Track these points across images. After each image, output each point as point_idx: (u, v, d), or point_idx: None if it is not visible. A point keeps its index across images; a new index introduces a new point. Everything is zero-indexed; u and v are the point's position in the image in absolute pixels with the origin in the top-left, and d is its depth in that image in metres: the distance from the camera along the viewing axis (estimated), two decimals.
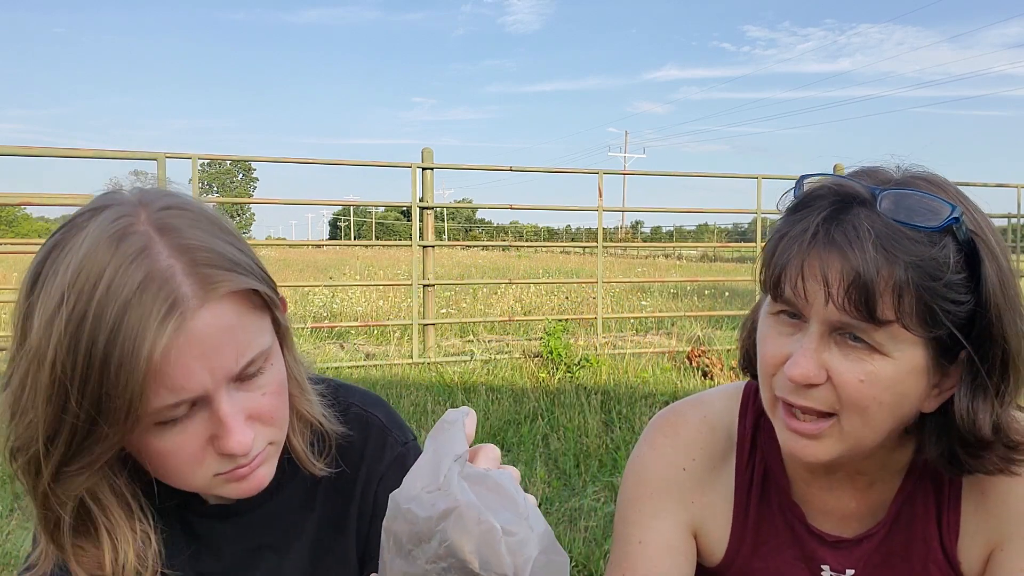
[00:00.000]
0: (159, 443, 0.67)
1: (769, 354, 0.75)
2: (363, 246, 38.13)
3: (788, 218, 0.72)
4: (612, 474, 3.81)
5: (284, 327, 0.77)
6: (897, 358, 0.68)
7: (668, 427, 0.92)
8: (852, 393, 0.69)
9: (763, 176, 7.65)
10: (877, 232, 0.66)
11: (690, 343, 7.16)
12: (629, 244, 25.44)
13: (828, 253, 0.67)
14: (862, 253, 0.65)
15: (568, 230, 68.36)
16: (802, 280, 0.68)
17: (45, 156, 6.22)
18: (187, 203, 0.69)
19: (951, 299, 0.66)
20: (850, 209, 0.68)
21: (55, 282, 0.61)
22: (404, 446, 0.89)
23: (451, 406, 3.19)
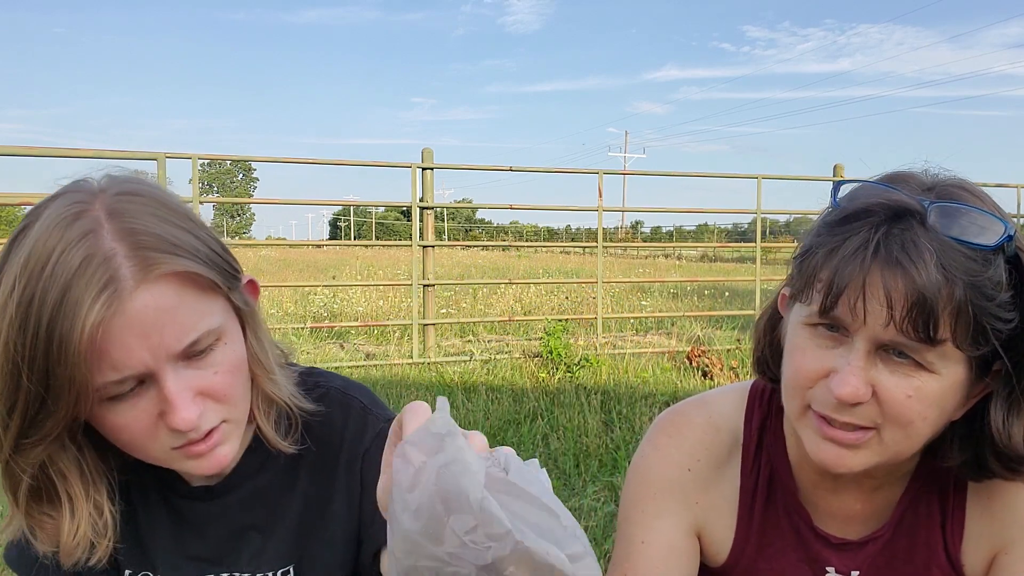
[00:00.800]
0: (113, 417, 0.70)
1: (807, 368, 0.73)
2: (363, 246, 38.15)
3: (835, 230, 0.69)
4: (612, 474, 3.81)
5: (247, 310, 0.79)
6: (943, 375, 0.68)
7: (672, 428, 0.92)
8: (898, 409, 0.69)
9: (763, 176, 7.65)
10: (936, 250, 0.64)
11: (690, 343, 7.16)
12: (629, 244, 25.44)
13: (891, 272, 0.64)
14: (926, 273, 0.63)
15: (568, 230, 68.39)
16: (863, 300, 0.66)
17: (45, 156, 6.21)
18: (146, 190, 0.72)
19: (1001, 317, 0.66)
20: (905, 224, 0.66)
21: (11, 266, 0.65)
22: (386, 423, 0.89)
23: (451, 406, 3.17)
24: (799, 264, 0.73)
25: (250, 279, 0.81)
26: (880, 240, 0.65)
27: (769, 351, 0.83)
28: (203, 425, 0.73)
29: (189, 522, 0.87)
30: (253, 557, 0.88)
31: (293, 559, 0.88)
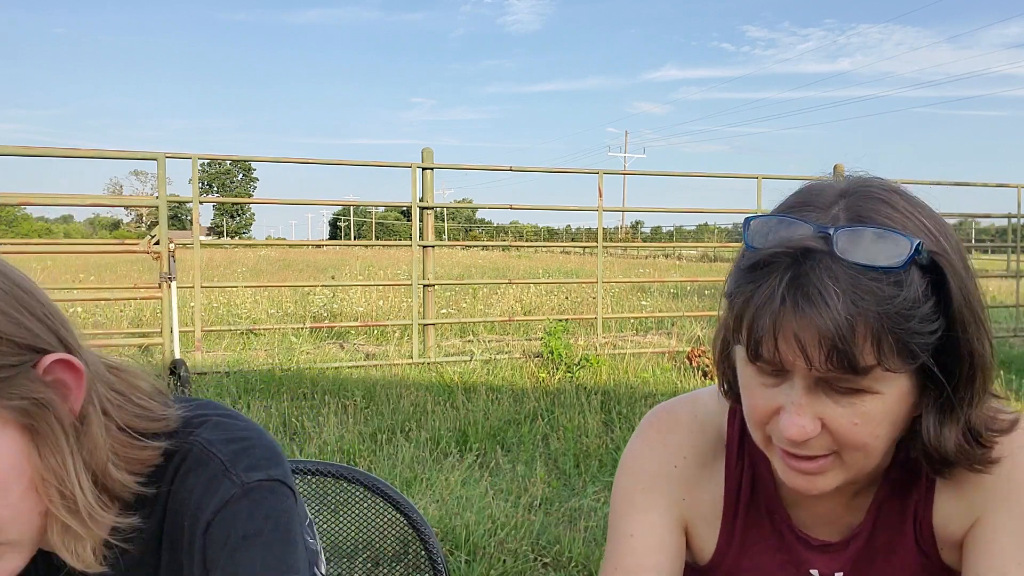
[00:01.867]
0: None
1: (757, 407, 0.74)
2: (363, 246, 38.11)
3: (746, 277, 0.69)
4: (612, 474, 3.80)
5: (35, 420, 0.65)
6: (887, 392, 0.68)
7: (660, 424, 0.93)
8: (849, 437, 0.70)
9: (763, 176, 7.66)
10: (842, 286, 0.64)
11: (690, 343, 7.16)
12: (629, 244, 25.42)
13: (799, 320, 0.65)
14: (833, 314, 0.63)
15: (568, 230, 68.34)
16: (778, 349, 0.67)
17: (45, 156, 6.22)
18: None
19: (924, 331, 0.66)
20: (808, 265, 0.66)
21: None
22: (242, 487, 0.73)
23: (451, 406, 3.20)
24: (727, 308, 0.73)
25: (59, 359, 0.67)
26: (785, 288, 0.66)
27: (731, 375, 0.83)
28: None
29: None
30: None
31: None
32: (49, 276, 15.86)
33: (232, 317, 9.26)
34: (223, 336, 7.71)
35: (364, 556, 1.19)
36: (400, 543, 1.17)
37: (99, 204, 10.57)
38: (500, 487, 3.57)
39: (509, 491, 3.53)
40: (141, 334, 7.90)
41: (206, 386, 5.31)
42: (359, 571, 1.20)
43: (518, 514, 3.18)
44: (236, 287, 10.77)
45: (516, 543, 2.94)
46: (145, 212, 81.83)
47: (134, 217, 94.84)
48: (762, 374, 0.73)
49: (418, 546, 1.15)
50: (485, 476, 3.73)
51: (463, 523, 3.04)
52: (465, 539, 2.94)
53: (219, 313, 9.58)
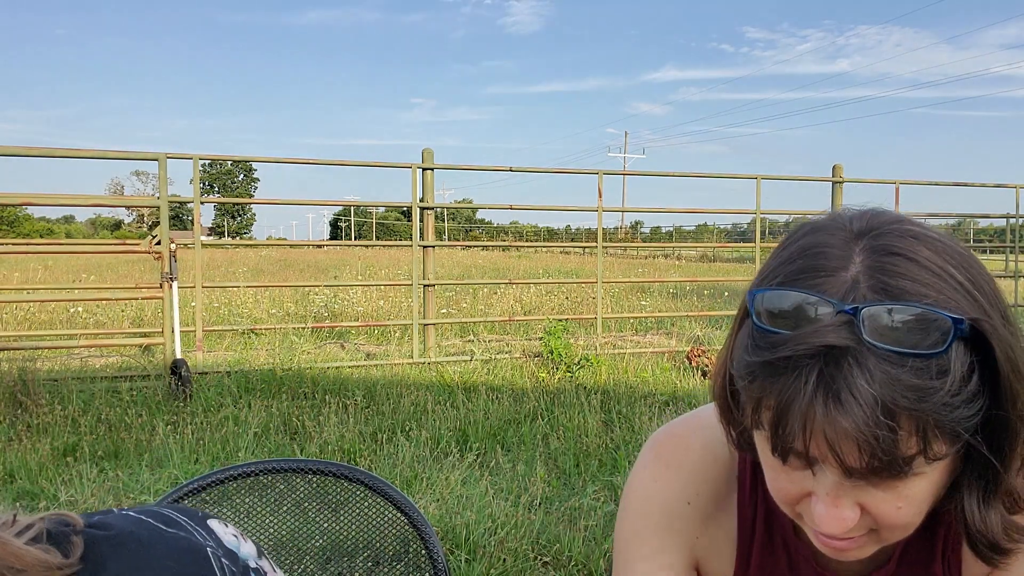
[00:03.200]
0: None
1: (786, 492, 0.67)
2: (364, 246, 38.06)
3: (766, 370, 0.61)
4: (612, 474, 3.82)
5: None
6: (929, 472, 0.62)
7: (669, 454, 0.85)
8: (891, 520, 0.64)
9: (762, 176, 7.66)
10: (877, 386, 0.56)
11: (690, 343, 7.17)
12: (629, 244, 25.40)
13: (832, 425, 0.57)
14: (870, 419, 0.56)
15: (568, 230, 68.34)
16: (808, 454, 0.61)
17: (46, 156, 6.23)
18: None
19: (970, 412, 0.58)
20: (836, 362, 0.58)
21: None
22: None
23: (451, 406, 3.20)
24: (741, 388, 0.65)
25: None
26: (812, 392, 0.58)
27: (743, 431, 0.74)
28: None
29: None
30: None
31: None
32: (51, 276, 15.87)
33: (233, 317, 9.27)
34: (224, 336, 7.73)
35: (365, 555, 1.20)
36: (400, 542, 1.18)
37: (100, 204, 10.56)
38: (500, 486, 3.59)
39: (509, 490, 3.54)
40: (142, 334, 7.92)
41: (207, 386, 5.33)
42: (359, 570, 1.20)
43: (518, 513, 3.19)
44: (237, 287, 10.77)
45: (516, 542, 2.95)
46: (146, 212, 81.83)
47: (135, 217, 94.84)
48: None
49: (418, 545, 1.16)
50: (485, 475, 3.74)
51: (463, 522, 3.05)
52: (465, 538, 2.95)
53: (220, 313, 9.59)
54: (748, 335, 0.64)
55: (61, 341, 7.19)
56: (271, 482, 1.17)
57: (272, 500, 1.15)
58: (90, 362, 6.65)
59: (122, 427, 4.43)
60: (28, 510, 3.48)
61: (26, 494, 3.48)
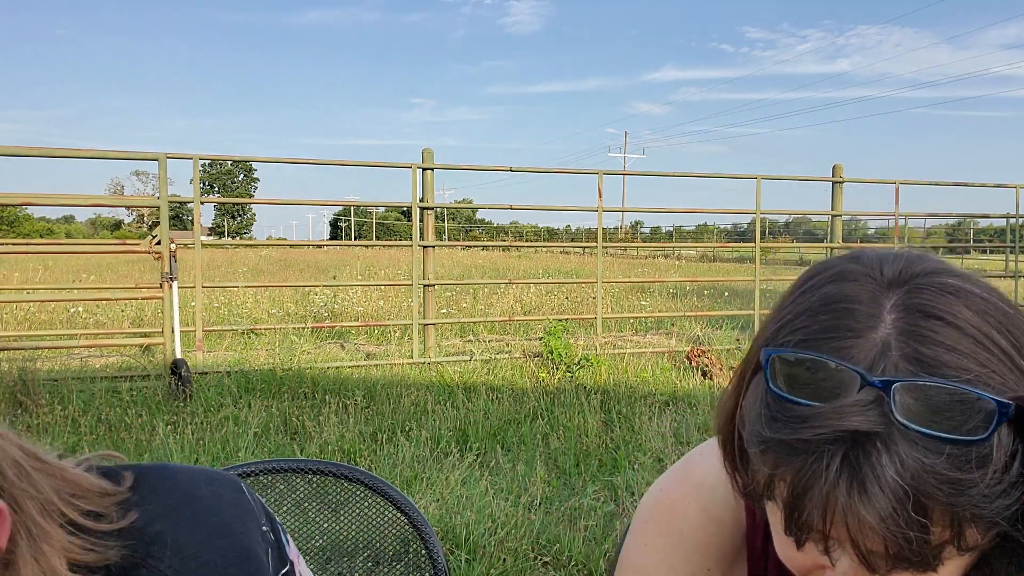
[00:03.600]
0: None
1: (795, 559, 0.60)
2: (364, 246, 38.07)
3: (782, 448, 0.54)
4: (612, 474, 3.82)
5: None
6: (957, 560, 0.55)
7: (669, 527, 0.77)
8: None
9: (762, 176, 7.66)
10: (908, 477, 0.49)
11: (690, 343, 7.17)
12: (629, 244, 25.39)
13: (857, 522, 0.51)
14: (902, 522, 0.49)
15: (568, 230, 68.32)
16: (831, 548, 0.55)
17: (46, 156, 6.23)
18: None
19: (1008, 502, 0.51)
20: (863, 446, 0.51)
21: None
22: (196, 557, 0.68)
23: (451, 406, 3.20)
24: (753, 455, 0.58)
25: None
26: (834, 481, 0.51)
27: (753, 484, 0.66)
28: None
29: None
30: None
31: None
32: (51, 276, 15.88)
33: (233, 317, 9.27)
34: (224, 336, 7.73)
35: (365, 555, 1.20)
36: (400, 542, 1.18)
37: (100, 204, 10.55)
38: (500, 486, 3.59)
39: (509, 490, 3.54)
40: (142, 334, 7.91)
41: (207, 386, 5.32)
42: (360, 570, 1.20)
43: (518, 513, 3.19)
44: (237, 287, 10.76)
45: (516, 542, 2.95)
46: (146, 212, 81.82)
47: (135, 217, 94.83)
48: None
49: (418, 545, 1.16)
50: (485, 475, 3.74)
51: (463, 522, 3.05)
52: (465, 538, 2.95)
53: (220, 313, 9.59)
54: (761, 400, 0.57)
55: (61, 341, 7.19)
56: (271, 482, 1.16)
57: (272, 500, 1.15)
58: (90, 362, 6.65)
59: (122, 427, 4.43)
60: None
61: None
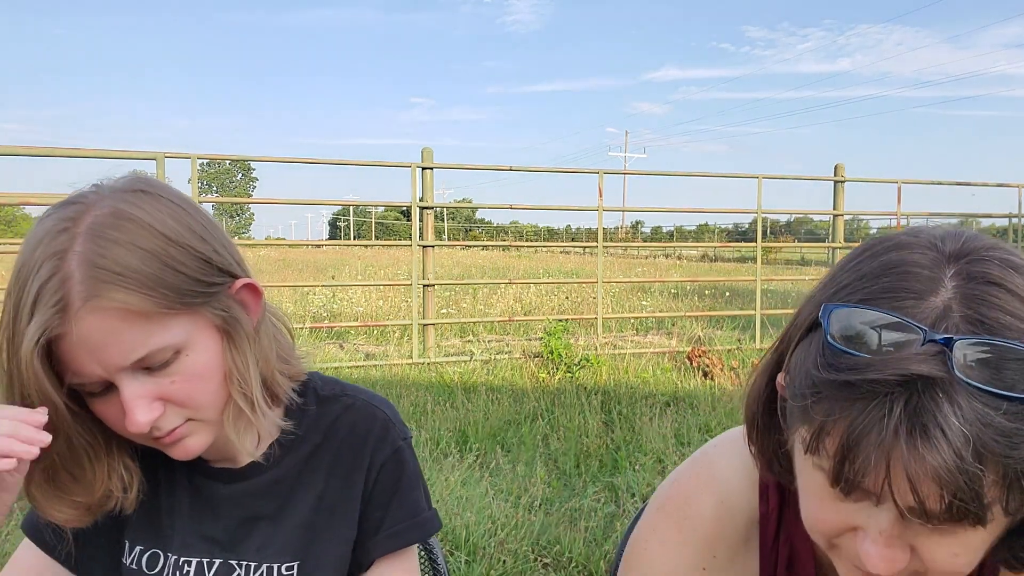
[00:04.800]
0: (98, 408, 0.79)
1: (827, 520, 0.61)
2: (363, 246, 38.09)
3: (840, 393, 0.55)
4: (612, 474, 3.80)
5: (228, 321, 0.82)
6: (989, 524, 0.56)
7: (681, 520, 0.79)
8: (944, 567, 0.59)
9: (763, 176, 7.65)
10: (970, 425, 0.51)
11: (690, 343, 7.16)
12: (629, 244, 25.38)
13: (918, 465, 0.52)
14: (959, 465, 0.51)
15: (568, 230, 68.30)
16: (886, 490, 0.55)
17: (45, 156, 6.21)
18: (134, 210, 0.77)
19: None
20: (924, 394, 0.52)
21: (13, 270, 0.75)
22: (404, 440, 0.96)
23: (451, 406, 3.18)
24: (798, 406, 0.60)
25: (247, 283, 0.84)
26: (898, 422, 0.53)
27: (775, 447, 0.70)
28: (164, 426, 0.79)
29: (207, 501, 0.92)
30: (261, 547, 0.91)
31: (299, 555, 0.91)
32: None
33: None
34: None
35: None
36: None
37: None
38: (500, 487, 3.57)
39: (509, 491, 3.52)
40: None
41: None
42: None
43: (518, 514, 3.17)
44: None
45: (516, 543, 2.93)
46: None
47: None
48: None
49: (418, 546, 1.14)
50: (485, 476, 3.72)
51: (463, 523, 3.04)
52: (465, 539, 2.93)
53: None
54: (817, 351, 0.58)
55: None
56: None
57: None
58: None
59: None
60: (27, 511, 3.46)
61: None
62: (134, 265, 0.74)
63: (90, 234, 0.74)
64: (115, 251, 0.74)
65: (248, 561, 0.91)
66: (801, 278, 11.75)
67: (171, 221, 0.79)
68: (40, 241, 0.74)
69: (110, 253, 0.74)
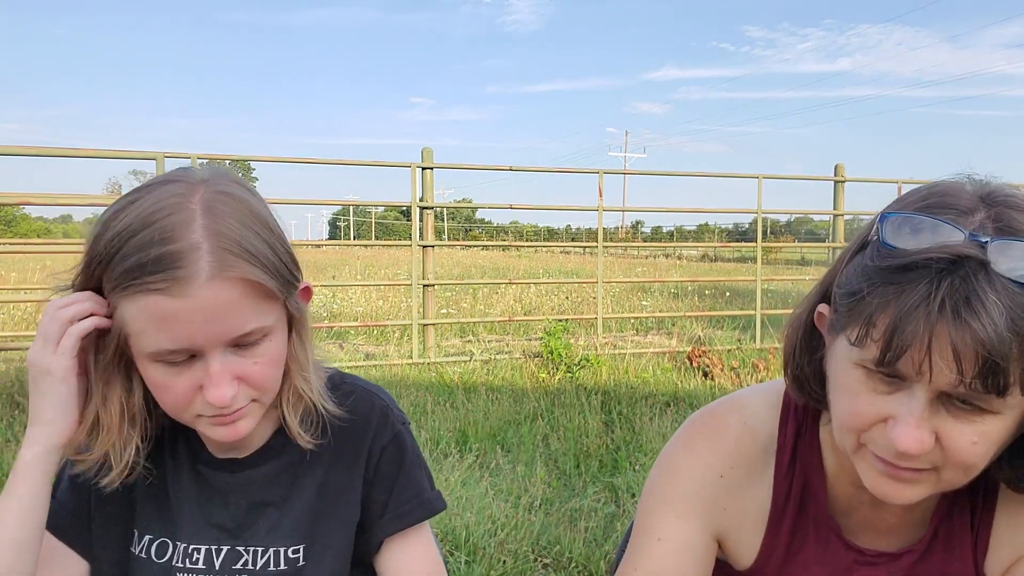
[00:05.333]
0: (160, 377, 0.81)
1: (863, 413, 0.69)
2: (363, 246, 38.09)
3: (890, 277, 0.65)
4: (612, 474, 3.80)
5: (297, 316, 0.90)
6: (1007, 414, 0.66)
7: (707, 429, 0.89)
8: (962, 455, 0.67)
9: (763, 176, 7.64)
10: (1006, 303, 0.60)
11: (690, 343, 7.15)
12: (629, 244, 25.39)
13: (958, 331, 0.61)
14: (995, 329, 0.60)
15: (568, 230, 68.29)
16: (928, 360, 0.63)
17: (45, 156, 6.20)
18: (237, 194, 0.82)
19: None
20: (966, 273, 0.62)
21: (111, 229, 0.77)
22: (403, 425, 1.01)
23: (451, 406, 3.18)
24: (848, 306, 0.69)
25: (306, 286, 0.91)
26: (944, 295, 0.61)
27: (809, 371, 0.80)
28: (234, 404, 0.83)
29: (214, 489, 0.95)
30: (269, 532, 0.95)
31: (305, 539, 0.95)
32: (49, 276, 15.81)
33: None
34: None
35: None
36: None
37: (98, 204, 10.46)
38: (500, 487, 3.56)
39: (509, 491, 3.52)
40: None
41: None
42: None
43: (518, 514, 3.17)
44: None
45: (516, 543, 2.93)
46: None
47: None
48: (874, 379, 0.68)
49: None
50: (485, 476, 3.72)
51: (463, 523, 3.03)
52: (465, 539, 2.93)
53: None
54: (873, 251, 0.68)
55: None
56: None
57: None
58: None
59: None
60: None
61: None
62: (256, 245, 0.80)
63: (208, 209, 0.78)
64: (238, 229, 0.79)
65: (255, 546, 0.94)
66: (801, 278, 11.74)
67: (266, 213, 0.85)
68: (151, 211, 0.76)
69: (233, 231, 0.78)
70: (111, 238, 0.77)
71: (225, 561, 0.93)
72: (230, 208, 0.80)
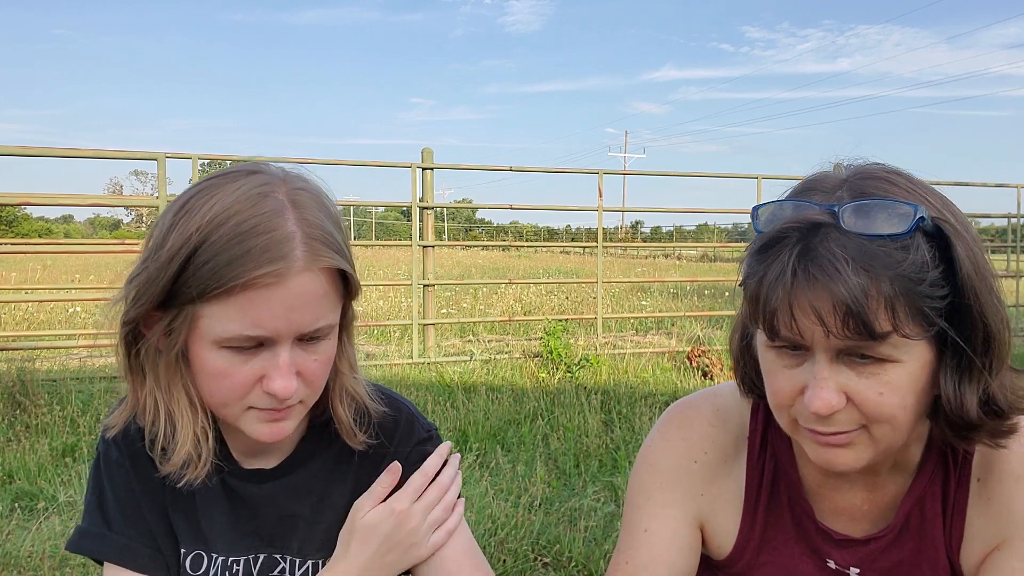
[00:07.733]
0: (222, 363, 0.79)
1: (782, 390, 0.75)
2: (363, 246, 38.04)
3: (759, 257, 0.71)
4: (612, 474, 3.80)
5: (349, 316, 0.90)
6: (907, 361, 0.69)
7: (681, 418, 0.93)
8: (875, 408, 0.70)
9: (763, 176, 7.65)
10: (852, 254, 0.66)
11: (690, 343, 7.16)
12: (629, 244, 25.40)
13: (813, 289, 0.66)
14: (845, 281, 0.65)
15: (568, 230, 68.26)
16: (795, 321, 0.68)
17: (45, 156, 6.21)
18: (314, 189, 0.84)
19: (936, 295, 0.67)
20: (818, 237, 0.67)
21: (198, 214, 0.76)
22: (428, 432, 1.00)
23: (451, 406, 3.18)
24: (744, 296, 0.74)
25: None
26: (796, 260, 0.67)
27: (751, 369, 0.84)
28: (293, 399, 0.83)
29: (243, 502, 0.94)
30: (303, 543, 0.94)
31: None
32: (49, 276, 15.84)
33: None
34: None
35: None
36: None
37: (99, 204, 10.49)
38: (500, 487, 3.57)
39: (509, 491, 3.52)
40: None
41: None
42: None
43: (518, 514, 3.17)
44: None
45: (516, 543, 2.94)
46: (145, 212, 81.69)
47: (134, 217, 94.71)
48: (783, 356, 0.73)
49: None
50: (485, 476, 3.72)
51: None
52: None
53: None
54: (748, 244, 0.74)
55: (60, 341, 7.17)
56: None
57: None
58: (89, 362, 6.64)
59: None
60: (27, 512, 3.44)
61: (25, 495, 3.46)
62: (339, 239, 0.82)
63: (295, 202, 0.79)
64: (324, 223, 0.80)
65: (292, 556, 0.94)
66: None
67: (337, 210, 0.85)
68: (239, 200, 0.76)
69: (320, 224, 0.79)
70: (194, 231, 0.75)
71: (263, 568, 0.94)
72: (312, 201, 0.81)
